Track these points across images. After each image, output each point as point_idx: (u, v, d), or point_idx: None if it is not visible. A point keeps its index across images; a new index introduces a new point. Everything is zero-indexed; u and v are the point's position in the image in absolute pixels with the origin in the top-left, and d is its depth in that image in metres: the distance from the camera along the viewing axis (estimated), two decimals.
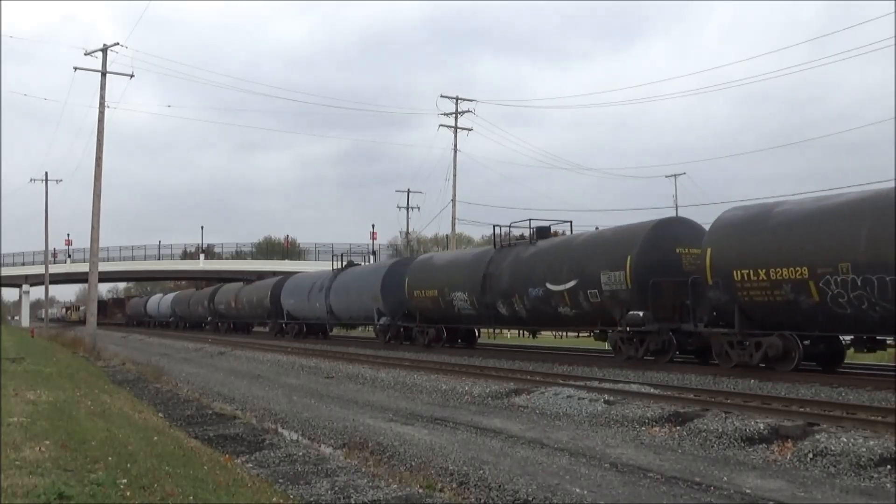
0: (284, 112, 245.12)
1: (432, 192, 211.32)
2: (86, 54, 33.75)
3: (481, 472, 8.45)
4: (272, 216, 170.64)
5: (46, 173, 62.00)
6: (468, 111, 45.74)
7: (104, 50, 33.42)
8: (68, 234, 79.27)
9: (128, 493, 5.90)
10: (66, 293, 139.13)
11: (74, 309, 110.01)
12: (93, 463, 7.04)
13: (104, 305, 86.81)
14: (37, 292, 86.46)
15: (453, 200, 45.43)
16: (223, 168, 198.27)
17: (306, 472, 8.37)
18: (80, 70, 33.71)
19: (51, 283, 67.45)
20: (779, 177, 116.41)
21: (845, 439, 8.87)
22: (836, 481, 7.85)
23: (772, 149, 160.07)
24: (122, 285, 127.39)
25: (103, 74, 33.50)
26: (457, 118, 45.65)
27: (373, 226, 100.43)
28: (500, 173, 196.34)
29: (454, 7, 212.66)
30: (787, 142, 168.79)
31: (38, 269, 69.84)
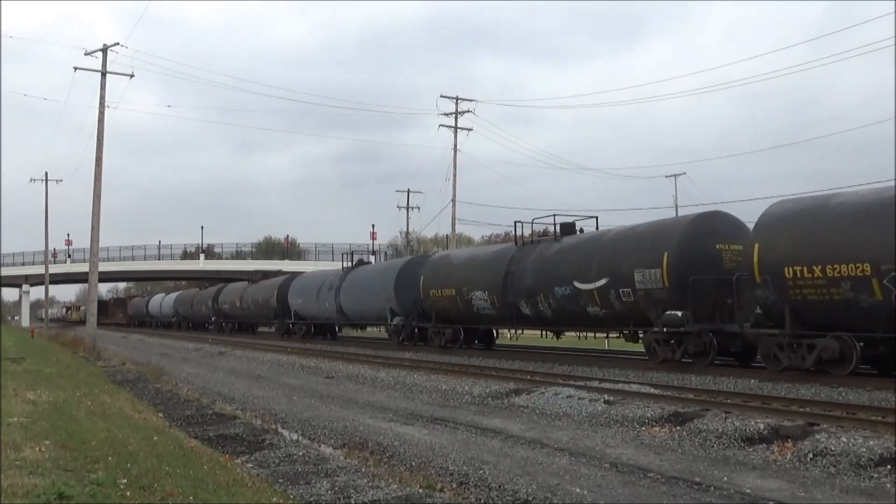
0: (284, 112, 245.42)
1: (432, 192, 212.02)
2: (86, 54, 33.83)
3: (481, 472, 8.46)
4: (272, 216, 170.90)
5: (46, 173, 62.26)
6: (468, 111, 45.73)
7: (104, 50, 33.45)
8: (68, 234, 79.65)
9: (128, 493, 5.90)
10: (66, 293, 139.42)
11: (75, 309, 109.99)
12: (93, 463, 7.05)
13: (105, 305, 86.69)
14: (37, 292, 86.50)
15: (453, 200, 45.46)
16: (223, 168, 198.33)
17: (306, 472, 8.37)
18: (81, 70, 33.77)
19: (51, 283, 67.48)
20: (779, 177, 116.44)
21: (845, 439, 8.87)
22: (836, 481, 7.85)
23: (772, 149, 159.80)
24: (122, 285, 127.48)
25: (103, 74, 33.53)
26: (457, 118, 45.66)
27: (373, 226, 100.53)
28: (500, 173, 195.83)
29: (454, 7, 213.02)
30: (788, 142, 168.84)
31: (38, 269, 69.89)
